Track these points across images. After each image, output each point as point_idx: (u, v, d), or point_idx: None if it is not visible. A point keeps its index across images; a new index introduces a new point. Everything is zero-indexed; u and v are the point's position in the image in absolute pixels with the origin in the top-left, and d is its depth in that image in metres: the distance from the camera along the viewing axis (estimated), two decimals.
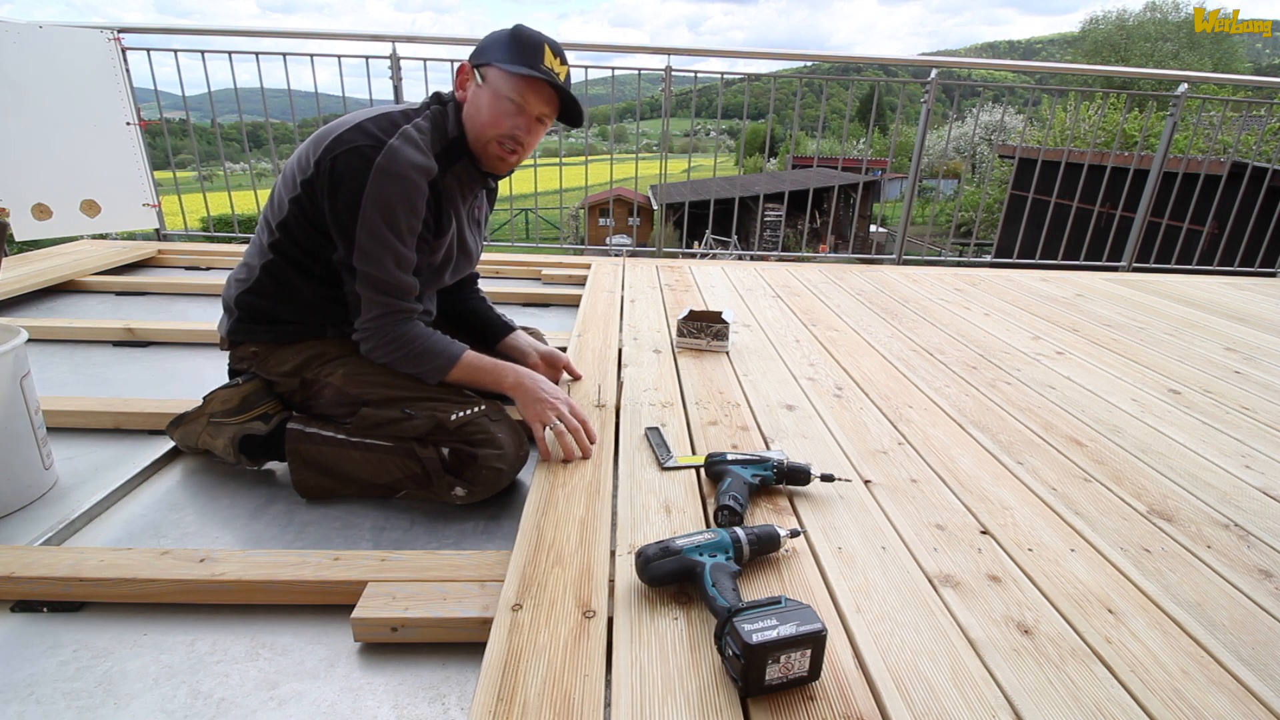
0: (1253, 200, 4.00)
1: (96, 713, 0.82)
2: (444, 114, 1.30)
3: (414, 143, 1.21)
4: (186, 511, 1.24)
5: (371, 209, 1.17)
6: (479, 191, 1.43)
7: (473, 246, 1.46)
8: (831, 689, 0.79)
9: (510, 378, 1.32)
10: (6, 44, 2.50)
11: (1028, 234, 5.89)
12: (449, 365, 1.28)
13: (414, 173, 1.19)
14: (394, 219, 1.19)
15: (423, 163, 1.21)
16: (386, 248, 1.20)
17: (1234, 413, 1.69)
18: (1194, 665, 0.86)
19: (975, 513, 1.18)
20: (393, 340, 1.25)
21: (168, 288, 2.58)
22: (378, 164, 1.16)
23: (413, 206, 1.21)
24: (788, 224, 15.75)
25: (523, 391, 1.31)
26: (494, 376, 1.32)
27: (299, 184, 1.21)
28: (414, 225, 1.23)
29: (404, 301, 1.26)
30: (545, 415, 1.28)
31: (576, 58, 1.52)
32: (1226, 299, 2.99)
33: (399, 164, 1.17)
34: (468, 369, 1.30)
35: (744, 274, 2.99)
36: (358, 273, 1.21)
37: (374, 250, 1.19)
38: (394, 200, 1.18)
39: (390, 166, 1.17)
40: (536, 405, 1.29)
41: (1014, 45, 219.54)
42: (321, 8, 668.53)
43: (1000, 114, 14.12)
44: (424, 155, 1.22)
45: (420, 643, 0.92)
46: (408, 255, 1.23)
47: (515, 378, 1.32)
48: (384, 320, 1.25)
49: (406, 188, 1.19)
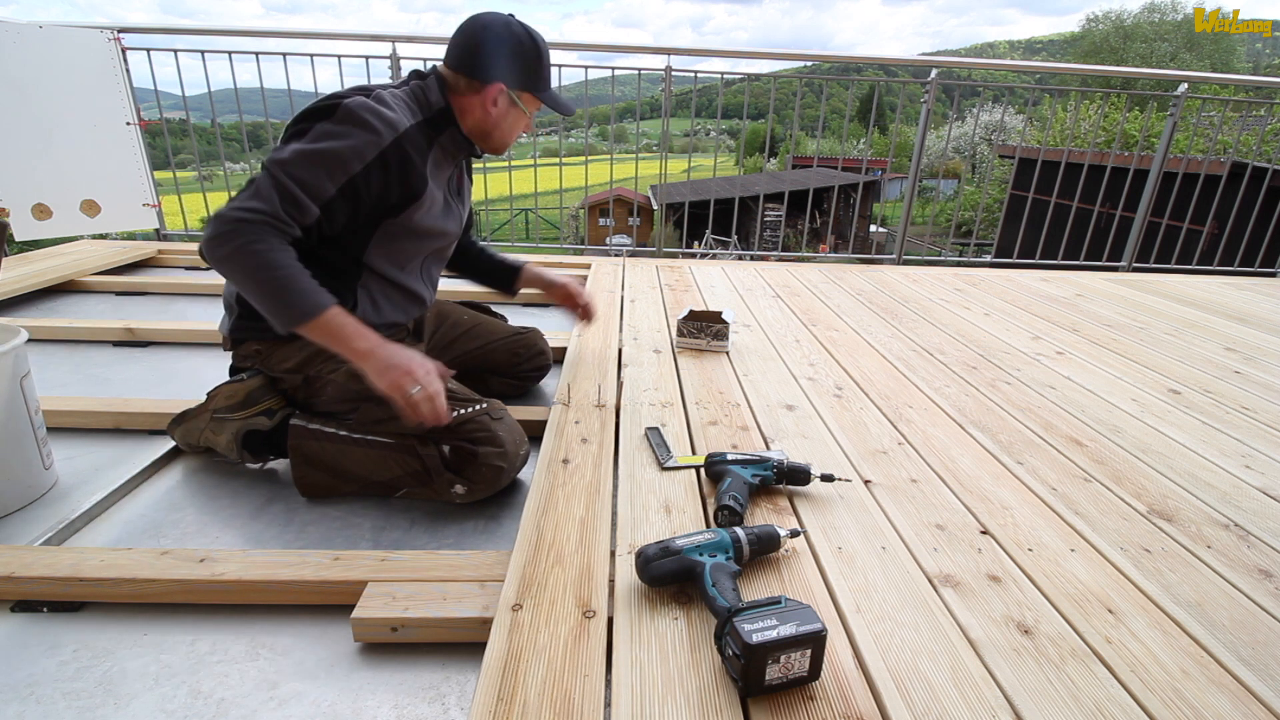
0: (1253, 200, 4.00)
1: (96, 713, 0.82)
2: (424, 87, 1.33)
3: (385, 101, 1.24)
4: (186, 511, 1.24)
5: (319, 134, 1.18)
6: (460, 161, 1.46)
7: (459, 212, 1.49)
8: (831, 689, 0.79)
9: (362, 343, 1.15)
10: (6, 44, 2.50)
11: (1028, 234, 5.88)
12: (310, 314, 1.12)
13: (377, 121, 1.20)
14: (335, 150, 1.17)
15: (390, 116, 1.22)
16: (310, 167, 1.15)
17: (1234, 413, 1.69)
18: (1194, 665, 0.86)
19: (975, 513, 1.18)
20: (250, 245, 1.09)
21: (168, 288, 2.58)
22: (344, 104, 1.19)
23: (360, 151, 1.18)
24: (788, 224, 15.76)
25: (373, 360, 1.15)
26: (348, 341, 1.14)
27: None
28: (351, 167, 1.18)
29: (288, 219, 1.15)
30: (398, 383, 1.14)
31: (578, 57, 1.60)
32: (1226, 299, 2.99)
33: (364, 109, 1.19)
34: (325, 327, 1.13)
35: (744, 274, 2.99)
36: (266, 171, 1.14)
37: (297, 161, 1.15)
38: (344, 135, 1.18)
39: (354, 109, 1.19)
40: (388, 376, 1.15)
41: (1014, 45, 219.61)
42: (326, 8, 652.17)
43: (1000, 114, 14.12)
44: (394, 113, 1.23)
45: (420, 643, 0.92)
46: (326, 186, 1.17)
47: (367, 344, 1.15)
48: (256, 218, 1.11)
49: (364, 130, 1.19)
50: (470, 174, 1.60)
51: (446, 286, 2.46)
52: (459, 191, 1.50)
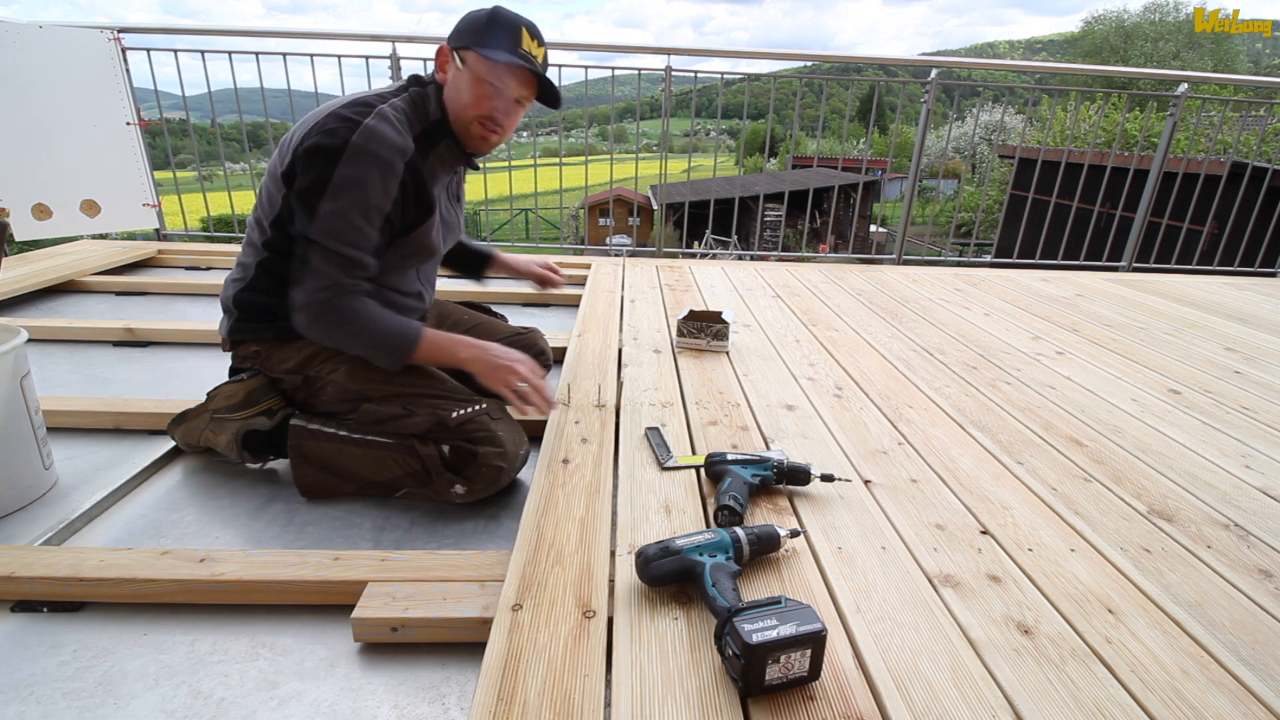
0: (1253, 200, 4.00)
1: (96, 713, 0.82)
2: (424, 95, 1.29)
3: (390, 122, 1.20)
4: (186, 511, 1.24)
5: (341, 184, 1.16)
6: (459, 168, 1.43)
7: (453, 222, 1.47)
8: (831, 689, 0.79)
9: (465, 352, 1.28)
10: (6, 44, 2.50)
11: (1028, 234, 5.89)
12: (412, 347, 1.24)
13: (389, 152, 1.18)
14: (363, 196, 1.17)
15: (399, 142, 1.20)
16: (349, 224, 1.17)
17: (1234, 413, 1.69)
18: (1194, 665, 0.86)
19: (975, 513, 1.18)
20: (341, 315, 1.20)
21: (168, 288, 2.58)
22: (352, 142, 1.15)
23: (384, 186, 1.19)
24: (788, 224, 15.76)
25: (481, 366, 1.27)
26: (452, 356, 1.28)
27: (280, 176, 1.21)
28: (383, 205, 1.20)
29: (355, 279, 1.22)
30: (508, 380, 1.26)
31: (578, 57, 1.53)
32: (1226, 299, 2.99)
33: (374, 142, 1.17)
34: (429, 349, 1.26)
35: (744, 274, 2.99)
36: (314, 245, 1.18)
37: (335, 225, 1.17)
38: (365, 178, 1.17)
39: (365, 145, 1.16)
40: (496, 374, 1.27)
41: (1014, 45, 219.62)
42: (327, 8, 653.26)
43: (1000, 114, 14.12)
44: (400, 135, 1.21)
45: (420, 643, 0.92)
46: (370, 234, 1.21)
47: (470, 351, 1.28)
48: (331, 295, 1.19)
49: (380, 166, 1.18)
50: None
51: (447, 286, 2.48)
52: (458, 197, 1.49)
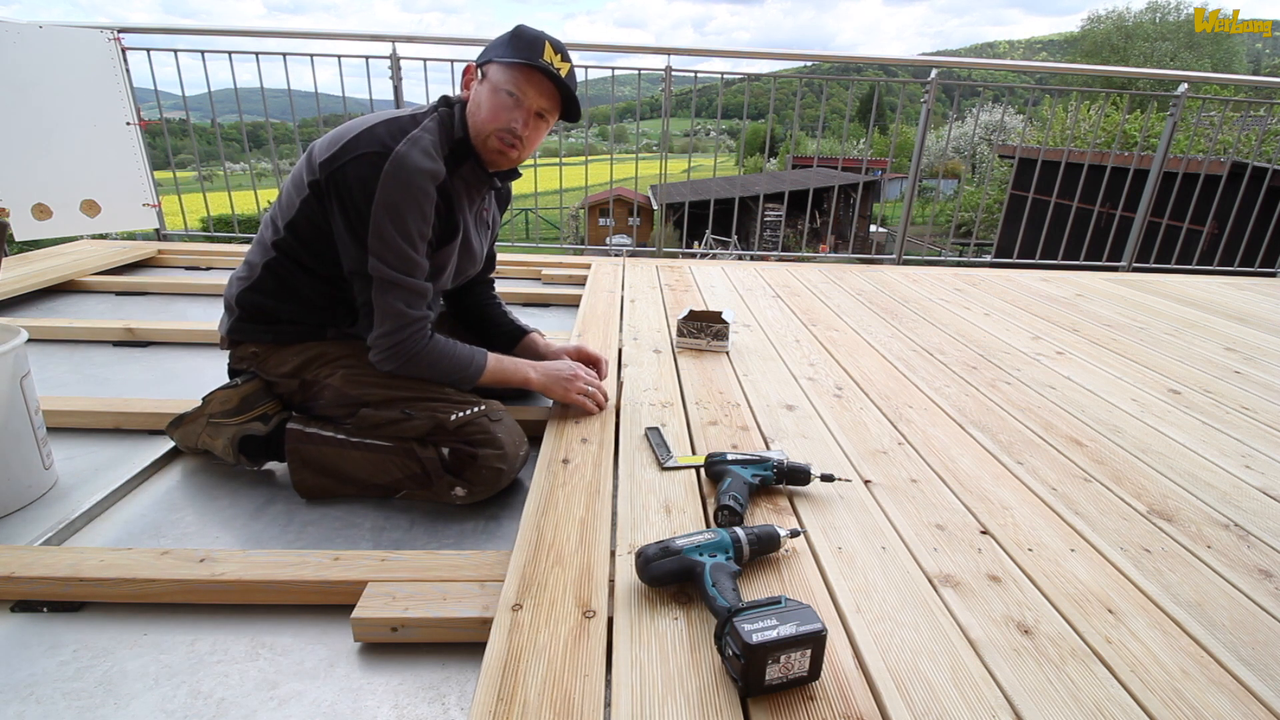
0: (1253, 200, 4.00)
1: (96, 713, 0.82)
2: (450, 115, 1.30)
3: (422, 148, 1.21)
4: (186, 511, 1.24)
5: (382, 216, 1.18)
6: (486, 193, 1.44)
7: (477, 249, 1.46)
8: (831, 689, 0.79)
9: (533, 373, 1.43)
10: (6, 44, 2.49)
11: (1028, 234, 5.89)
12: (478, 374, 1.35)
13: (422, 179, 1.20)
14: (405, 225, 1.20)
15: (431, 168, 1.21)
16: (398, 254, 1.20)
17: (1234, 413, 1.69)
18: (1194, 665, 0.86)
19: (975, 513, 1.18)
20: (415, 358, 1.28)
21: (168, 288, 2.58)
22: (386, 170, 1.17)
23: (423, 213, 1.22)
24: (788, 224, 15.75)
25: (548, 381, 1.43)
26: (519, 376, 1.42)
27: (307, 184, 1.21)
28: (424, 231, 1.24)
29: (417, 310, 1.26)
30: (576, 387, 1.45)
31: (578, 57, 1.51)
32: (1226, 299, 2.99)
33: (408, 170, 1.18)
34: (492, 373, 1.37)
35: (744, 274, 2.99)
36: (372, 280, 1.21)
37: (386, 256, 1.20)
38: (404, 207, 1.19)
39: (399, 173, 1.17)
40: (563, 385, 1.44)
41: (1014, 45, 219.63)
42: (328, 8, 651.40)
43: (1000, 114, 14.12)
44: (432, 160, 1.22)
45: (420, 643, 0.92)
46: (419, 261, 1.24)
47: (536, 373, 1.43)
48: (401, 336, 1.25)
49: (416, 194, 1.19)
50: (505, 205, 1.59)
51: None
52: (487, 224, 1.50)
